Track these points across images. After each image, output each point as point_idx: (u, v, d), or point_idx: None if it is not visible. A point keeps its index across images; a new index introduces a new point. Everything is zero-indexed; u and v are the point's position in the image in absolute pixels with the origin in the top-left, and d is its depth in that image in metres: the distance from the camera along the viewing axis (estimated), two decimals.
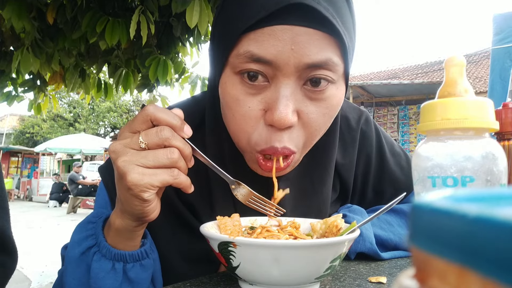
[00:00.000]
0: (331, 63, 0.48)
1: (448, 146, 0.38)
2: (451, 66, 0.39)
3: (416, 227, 0.12)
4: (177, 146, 0.46)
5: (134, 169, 0.44)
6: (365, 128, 0.73)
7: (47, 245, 5.31)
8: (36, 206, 11.63)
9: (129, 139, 0.47)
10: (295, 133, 0.51)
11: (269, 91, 0.49)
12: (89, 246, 0.51)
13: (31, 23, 1.76)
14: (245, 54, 0.48)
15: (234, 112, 0.51)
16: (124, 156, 0.45)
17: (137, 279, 0.51)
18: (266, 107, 0.50)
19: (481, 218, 0.10)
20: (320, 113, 0.51)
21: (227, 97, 0.52)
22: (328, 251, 0.46)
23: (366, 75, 14.49)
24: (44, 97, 2.61)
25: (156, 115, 0.46)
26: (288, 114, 0.48)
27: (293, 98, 0.49)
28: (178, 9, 1.53)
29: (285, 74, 0.48)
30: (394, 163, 0.76)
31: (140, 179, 0.44)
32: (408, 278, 0.13)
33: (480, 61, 11.61)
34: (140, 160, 0.45)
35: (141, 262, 0.52)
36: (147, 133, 0.46)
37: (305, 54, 0.47)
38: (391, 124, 9.64)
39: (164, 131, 0.46)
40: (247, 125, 0.51)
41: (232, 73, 0.51)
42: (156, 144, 0.46)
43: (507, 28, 3.14)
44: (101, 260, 0.50)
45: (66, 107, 20.62)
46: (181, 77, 2.39)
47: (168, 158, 0.45)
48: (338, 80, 0.52)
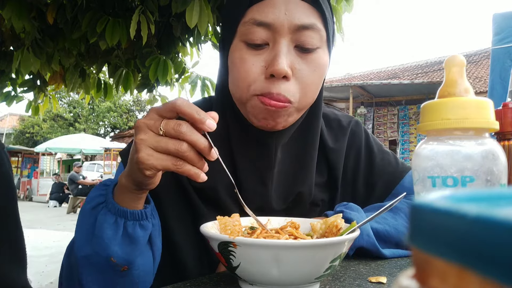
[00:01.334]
0: (316, 27, 0.62)
1: (448, 146, 0.38)
2: (451, 66, 0.39)
3: (416, 227, 0.12)
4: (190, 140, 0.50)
5: (145, 149, 0.51)
6: (355, 128, 0.83)
7: (47, 245, 5.31)
8: (36, 206, 11.64)
9: (153, 121, 0.52)
10: (290, 85, 0.62)
11: (269, 51, 0.62)
12: (99, 203, 0.57)
13: (31, 23, 1.76)
14: (250, 21, 0.62)
15: (239, 69, 0.63)
16: (143, 135, 0.51)
17: (134, 235, 0.56)
18: (266, 64, 0.61)
19: (481, 218, 0.10)
20: (310, 70, 0.63)
21: (235, 60, 0.64)
22: (328, 251, 0.46)
23: (366, 75, 14.49)
24: (44, 97, 2.61)
25: (182, 109, 0.51)
26: (285, 65, 0.59)
27: (288, 55, 0.61)
28: (178, 9, 1.53)
29: (281, 34, 0.61)
30: (382, 158, 0.82)
31: (147, 159, 0.50)
32: (408, 278, 0.13)
33: (480, 61, 11.61)
34: (153, 143, 0.51)
35: (140, 222, 0.57)
36: (168, 123, 0.51)
37: (296, 17, 0.61)
38: (391, 124, 9.64)
39: (181, 127, 0.50)
40: (250, 77, 0.62)
41: (239, 41, 0.63)
42: (171, 135, 0.51)
43: (507, 28, 3.14)
44: (106, 214, 0.56)
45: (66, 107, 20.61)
46: (181, 77, 2.38)
47: (176, 148, 0.50)
48: (323, 46, 0.65)
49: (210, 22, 1.56)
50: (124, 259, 0.55)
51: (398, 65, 15.59)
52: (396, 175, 0.80)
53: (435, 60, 13.87)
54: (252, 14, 0.62)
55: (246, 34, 0.62)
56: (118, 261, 0.55)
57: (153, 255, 0.60)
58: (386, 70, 14.81)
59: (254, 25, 0.61)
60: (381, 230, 0.68)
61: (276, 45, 0.61)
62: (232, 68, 0.65)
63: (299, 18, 0.61)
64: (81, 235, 0.57)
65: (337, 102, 10.50)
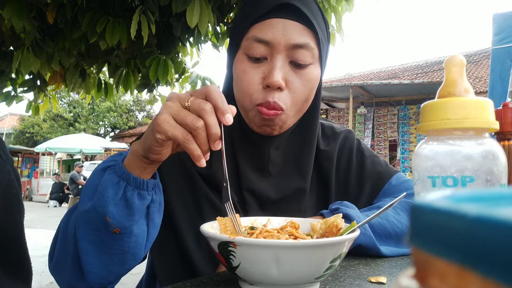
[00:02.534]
0: (309, 46, 0.70)
1: (448, 146, 0.38)
2: (451, 66, 0.39)
3: (416, 227, 0.12)
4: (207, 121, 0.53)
5: (165, 114, 0.54)
6: (347, 134, 0.90)
7: (47, 245, 5.31)
8: (36, 206, 11.64)
9: (183, 96, 0.56)
10: (284, 95, 0.70)
11: (267, 65, 0.71)
12: (109, 166, 0.62)
13: (31, 23, 1.76)
14: (252, 37, 0.70)
15: (242, 80, 0.72)
16: (171, 103, 0.55)
17: (131, 201, 0.58)
18: (264, 75, 0.70)
19: (481, 218, 0.10)
20: (302, 83, 0.71)
21: (238, 70, 0.73)
22: (328, 251, 0.46)
23: (366, 75, 14.49)
24: (44, 97, 2.61)
25: (211, 93, 0.55)
26: (279, 78, 0.68)
27: (282, 69, 0.69)
28: (178, 9, 1.53)
29: (278, 51, 0.69)
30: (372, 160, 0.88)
31: (162, 122, 0.53)
32: (408, 278, 0.13)
33: (480, 61, 11.61)
34: (175, 111, 0.54)
35: (140, 191, 0.59)
36: (195, 99, 0.54)
37: (292, 37, 0.69)
38: (391, 124, 9.63)
39: (205, 105, 0.53)
40: (250, 88, 0.71)
41: (242, 54, 0.72)
42: (195, 110, 0.54)
43: (507, 28, 3.14)
44: (111, 174, 0.59)
45: (66, 107, 20.61)
46: (181, 77, 2.39)
47: (192, 122, 0.53)
48: (315, 62, 0.73)
49: (211, 22, 1.56)
50: (118, 221, 0.58)
51: (398, 65, 15.59)
52: (385, 175, 0.85)
53: (435, 60, 13.86)
54: (254, 31, 0.71)
55: (248, 49, 0.71)
56: (112, 221, 0.57)
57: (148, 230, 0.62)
58: (386, 70, 14.80)
59: (255, 41, 0.70)
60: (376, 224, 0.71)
61: (273, 60, 0.70)
62: (236, 78, 0.74)
63: (295, 38, 0.69)
64: (86, 191, 0.61)
65: (337, 102, 10.50)
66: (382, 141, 9.70)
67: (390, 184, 0.83)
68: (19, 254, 0.69)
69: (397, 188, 0.82)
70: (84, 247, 0.59)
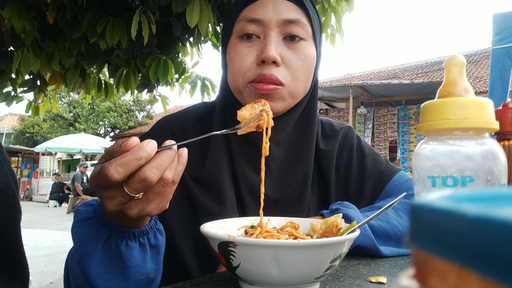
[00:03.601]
0: (301, 22, 0.71)
1: (448, 146, 0.38)
2: (451, 66, 0.39)
3: (416, 227, 0.12)
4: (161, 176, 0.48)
5: (153, 210, 0.50)
6: (347, 132, 0.88)
7: (47, 245, 5.31)
8: (36, 206, 11.63)
9: (121, 197, 0.47)
10: (281, 70, 0.69)
11: (260, 43, 0.70)
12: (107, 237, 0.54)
13: (31, 23, 1.76)
14: (244, 19, 0.71)
15: (234, 61, 0.71)
16: (134, 209, 0.48)
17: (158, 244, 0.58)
18: (258, 53, 0.69)
19: (481, 218, 0.10)
20: (298, 59, 0.70)
21: (231, 53, 0.72)
22: (328, 251, 0.46)
23: (366, 75, 14.48)
24: (44, 97, 2.61)
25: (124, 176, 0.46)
26: (273, 52, 0.67)
27: (277, 44, 0.69)
28: (179, 9, 1.53)
29: (270, 28, 0.69)
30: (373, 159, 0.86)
31: (159, 211, 0.51)
32: (408, 278, 0.13)
33: (480, 61, 11.60)
34: (151, 203, 0.49)
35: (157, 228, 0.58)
36: (132, 186, 0.46)
37: (283, 13, 0.70)
38: (391, 124, 9.63)
39: (148, 180, 0.46)
40: (243, 67, 0.70)
41: (235, 38, 0.72)
42: (148, 189, 0.48)
43: (507, 28, 3.14)
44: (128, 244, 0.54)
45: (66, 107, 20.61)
46: (181, 77, 2.38)
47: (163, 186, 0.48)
48: (309, 40, 0.73)
49: (211, 22, 1.56)
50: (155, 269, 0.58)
51: (398, 65, 15.59)
52: (386, 174, 0.83)
53: (435, 60, 13.86)
54: (245, 13, 0.71)
55: (240, 30, 0.71)
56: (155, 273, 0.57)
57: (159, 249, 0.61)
58: (386, 70, 14.80)
59: (247, 22, 0.70)
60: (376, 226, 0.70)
61: (266, 37, 0.70)
62: (229, 62, 0.73)
63: (286, 14, 0.70)
64: (101, 272, 0.54)
65: (337, 102, 10.50)
66: (382, 141, 9.69)
67: (391, 184, 0.82)
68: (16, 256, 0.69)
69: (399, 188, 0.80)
70: None
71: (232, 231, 0.60)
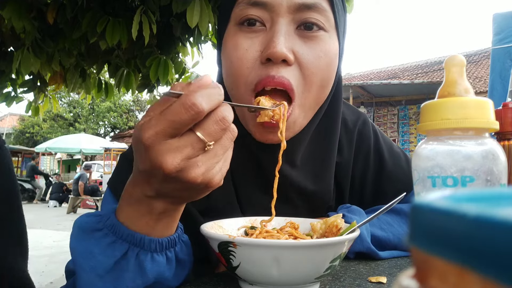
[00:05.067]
0: (321, 7, 0.52)
1: (448, 146, 0.38)
2: (451, 66, 0.39)
3: (416, 227, 0.12)
4: (235, 133, 0.41)
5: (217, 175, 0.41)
6: (362, 129, 0.74)
7: (47, 245, 5.31)
8: (36, 206, 11.63)
9: (189, 148, 0.38)
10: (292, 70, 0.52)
11: (265, 34, 0.53)
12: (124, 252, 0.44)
13: (31, 23, 1.76)
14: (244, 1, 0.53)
15: (232, 59, 0.54)
16: (200, 168, 0.39)
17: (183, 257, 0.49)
18: (262, 48, 0.52)
19: (481, 218, 0.10)
20: (315, 56, 0.53)
21: (228, 47, 0.54)
22: (328, 251, 0.46)
23: (366, 75, 14.48)
24: (44, 98, 2.61)
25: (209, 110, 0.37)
26: (283, 47, 0.50)
27: (287, 36, 0.51)
28: (179, 9, 1.53)
29: (279, 14, 0.52)
30: (392, 163, 0.75)
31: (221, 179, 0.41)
32: (408, 278, 0.13)
33: (480, 61, 11.60)
34: (217, 163, 0.40)
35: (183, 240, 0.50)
36: (209, 132, 0.38)
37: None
38: (391, 124, 9.64)
39: (226, 120, 0.39)
40: (243, 66, 0.53)
41: (233, 25, 0.55)
42: (221, 136, 0.40)
43: (507, 28, 3.14)
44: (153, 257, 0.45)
45: (66, 107, 20.61)
46: (182, 77, 2.38)
47: (231, 140, 0.40)
48: (330, 30, 0.55)
49: (211, 22, 1.56)
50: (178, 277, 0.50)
51: (398, 65, 15.58)
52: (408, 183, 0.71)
53: (435, 60, 13.85)
54: None
55: (240, 15, 0.54)
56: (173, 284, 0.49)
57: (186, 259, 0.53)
58: (386, 70, 14.80)
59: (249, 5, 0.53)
60: (383, 239, 0.65)
61: (273, 26, 0.52)
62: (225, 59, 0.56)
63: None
64: None
65: None
66: None
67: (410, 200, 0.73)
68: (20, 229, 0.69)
69: None
70: None
71: (232, 231, 0.60)
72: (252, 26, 0.53)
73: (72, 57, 2.18)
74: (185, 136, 0.38)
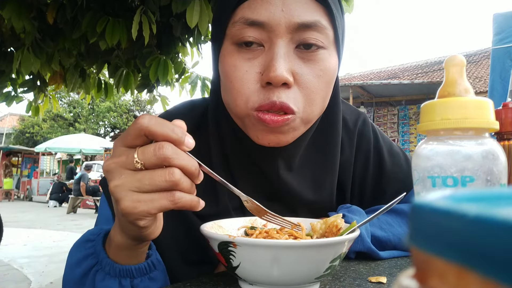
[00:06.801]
0: (320, 25, 0.52)
1: (448, 146, 0.38)
2: (451, 66, 0.39)
3: (416, 227, 0.12)
4: (180, 166, 0.40)
5: (127, 196, 0.40)
6: (362, 129, 0.74)
7: (47, 245, 5.31)
8: (36, 206, 11.63)
9: (124, 157, 0.41)
10: (293, 93, 0.53)
11: (264, 55, 0.53)
12: (91, 266, 0.47)
13: (31, 23, 1.76)
14: (240, 20, 0.52)
15: (232, 79, 0.54)
16: (118, 180, 0.40)
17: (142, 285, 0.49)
18: (262, 70, 0.53)
19: (481, 218, 0.10)
20: (315, 75, 0.54)
21: (226, 67, 0.55)
22: (328, 251, 0.46)
23: (366, 75, 14.49)
24: (44, 98, 2.61)
25: (151, 129, 0.39)
26: (283, 70, 0.50)
27: (287, 58, 0.52)
28: (178, 9, 1.53)
29: (278, 35, 0.51)
30: (392, 163, 0.75)
31: (134, 207, 0.40)
32: (408, 278, 0.13)
33: (480, 61, 11.61)
34: (134, 184, 0.40)
35: (150, 275, 0.49)
36: (144, 151, 0.40)
37: (295, 14, 0.51)
38: (391, 124, 9.64)
39: (163, 149, 0.39)
40: (244, 87, 0.53)
41: (230, 44, 0.55)
42: (154, 164, 0.40)
43: (507, 28, 3.14)
44: (105, 279, 0.46)
45: (66, 107, 20.61)
46: (181, 77, 2.39)
47: (166, 180, 0.39)
48: (330, 47, 0.55)
49: (211, 22, 1.56)
50: None
51: (398, 65, 15.59)
52: (407, 183, 0.72)
53: (435, 60, 13.86)
54: (243, 12, 0.52)
55: (237, 35, 0.53)
56: None
57: None
58: (386, 70, 14.80)
59: (246, 24, 0.52)
60: (384, 239, 0.66)
61: (272, 47, 0.52)
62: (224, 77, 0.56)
63: (299, 15, 0.51)
64: None
65: None
66: None
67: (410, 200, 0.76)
68: None
69: None
70: None
71: (232, 231, 0.60)
72: (250, 46, 0.53)
73: (72, 57, 2.18)
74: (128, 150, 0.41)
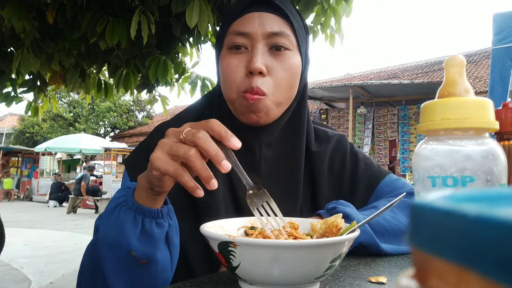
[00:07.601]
0: (285, 34, 0.76)
1: (448, 146, 0.38)
2: (451, 66, 0.39)
3: (416, 227, 0.12)
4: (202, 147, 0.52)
5: (158, 151, 0.54)
6: (340, 138, 0.93)
7: (47, 245, 5.32)
8: (36, 206, 11.64)
9: (179, 129, 0.56)
10: (266, 80, 0.75)
11: (248, 54, 0.76)
12: (120, 202, 0.62)
13: (31, 23, 1.76)
14: (233, 32, 0.77)
15: (227, 72, 0.77)
16: (166, 139, 0.56)
17: (151, 232, 0.60)
18: (246, 64, 0.75)
19: (481, 218, 0.10)
20: (283, 68, 0.76)
21: (223, 65, 0.78)
22: (328, 251, 0.46)
23: (366, 75, 14.49)
24: (44, 98, 2.61)
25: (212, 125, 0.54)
26: (260, 63, 0.73)
27: (262, 56, 0.75)
28: (178, 9, 1.53)
29: (257, 40, 0.76)
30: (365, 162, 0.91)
31: (154, 160, 0.54)
32: (408, 278, 0.13)
33: (480, 61, 11.61)
34: (168, 147, 0.54)
35: (157, 220, 0.60)
36: (189, 130, 0.54)
37: (268, 27, 0.76)
38: (391, 124, 9.64)
39: (199, 133, 0.53)
40: (235, 76, 0.76)
41: (226, 49, 0.78)
42: (189, 140, 0.53)
43: (507, 28, 3.14)
44: (126, 211, 0.60)
45: (66, 107, 20.60)
46: (181, 77, 2.39)
47: (183, 152, 0.52)
48: (294, 49, 0.78)
49: (210, 22, 1.56)
50: (143, 253, 0.59)
51: (398, 65, 15.59)
52: (377, 175, 0.89)
53: (435, 60, 13.86)
54: (234, 27, 0.77)
55: (230, 43, 0.77)
56: (138, 254, 0.59)
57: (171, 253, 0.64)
58: (386, 70, 14.81)
59: (236, 35, 0.77)
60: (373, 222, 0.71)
61: (253, 49, 0.76)
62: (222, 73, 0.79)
63: (271, 27, 0.76)
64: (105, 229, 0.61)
65: (337, 102, 10.50)
66: (382, 141, 9.70)
67: (383, 183, 0.87)
68: None
69: (390, 187, 0.85)
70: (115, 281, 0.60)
71: (232, 231, 0.60)
72: (239, 50, 0.77)
73: (72, 57, 2.18)
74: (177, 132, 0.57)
